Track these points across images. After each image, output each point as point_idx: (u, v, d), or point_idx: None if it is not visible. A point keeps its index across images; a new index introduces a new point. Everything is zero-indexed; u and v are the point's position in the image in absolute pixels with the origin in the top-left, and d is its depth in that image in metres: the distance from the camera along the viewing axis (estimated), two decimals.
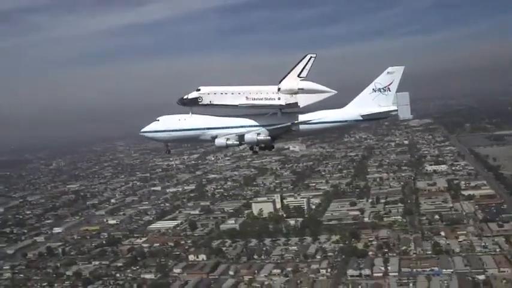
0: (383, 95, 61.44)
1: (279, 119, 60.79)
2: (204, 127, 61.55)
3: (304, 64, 59.66)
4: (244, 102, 59.77)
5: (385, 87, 61.47)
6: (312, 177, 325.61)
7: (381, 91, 61.48)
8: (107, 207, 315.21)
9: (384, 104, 61.49)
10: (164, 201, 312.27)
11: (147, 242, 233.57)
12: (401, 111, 61.27)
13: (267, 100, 59.85)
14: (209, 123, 61.54)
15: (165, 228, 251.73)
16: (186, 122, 61.68)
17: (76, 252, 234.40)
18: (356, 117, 62.24)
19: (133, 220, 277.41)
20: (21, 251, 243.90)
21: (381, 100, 61.56)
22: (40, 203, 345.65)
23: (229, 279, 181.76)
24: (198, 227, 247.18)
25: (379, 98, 61.57)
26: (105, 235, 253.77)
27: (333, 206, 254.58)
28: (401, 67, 61.97)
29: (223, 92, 60.02)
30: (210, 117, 61.86)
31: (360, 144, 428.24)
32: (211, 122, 61.53)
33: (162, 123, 62.23)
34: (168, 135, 62.28)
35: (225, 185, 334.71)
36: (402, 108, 61.11)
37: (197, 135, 62.41)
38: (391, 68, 61.61)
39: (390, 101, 61.29)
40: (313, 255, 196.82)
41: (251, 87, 60.74)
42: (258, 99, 59.75)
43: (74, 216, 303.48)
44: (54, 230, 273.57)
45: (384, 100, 61.43)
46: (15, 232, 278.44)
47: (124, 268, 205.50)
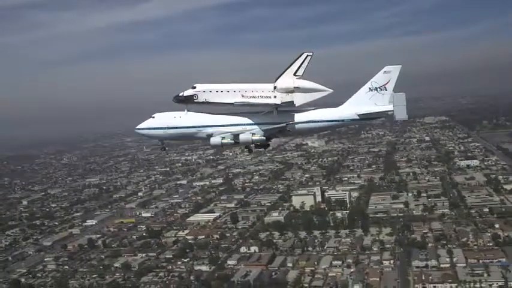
0: (379, 94, 60.59)
1: (274, 117, 59.92)
2: (199, 125, 60.63)
3: (300, 62, 58.70)
4: (240, 100, 58.83)
5: (381, 86, 60.62)
6: (342, 172, 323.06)
7: (378, 90, 60.64)
8: (135, 200, 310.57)
9: (381, 103, 60.61)
10: (194, 194, 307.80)
11: (191, 235, 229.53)
12: (397, 112, 59.81)
13: (263, 98, 59.05)
14: (204, 121, 60.67)
15: (205, 221, 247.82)
16: (181, 119, 60.76)
17: (117, 244, 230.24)
18: (352, 116, 61.39)
19: (168, 213, 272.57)
20: (59, 243, 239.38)
21: (378, 99, 60.69)
22: (63, 196, 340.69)
23: (292, 271, 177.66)
24: (240, 220, 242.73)
25: (376, 97, 60.72)
26: (143, 227, 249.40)
27: (374, 199, 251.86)
28: (398, 66, 60.90)
29: (219, 89, 59.26)
30: (206, 115, 61.01)
31: (380, 140, 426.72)
32: (206, 119, 60.70)
33: (157, 120, 61.15)
34: (163, 132, 61.15)
35: (252, 179, 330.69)
36: (398, 109, 59.77)
37: (192, 132, 61.35)
38: (388, 67, 60.66)
39: (387, 100, 60.38)
40: (370, 247, 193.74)
41: (247, 85, 59.94)
42: (253, 98, 58.96)
43: (103, 209, 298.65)
44: (87, 223, 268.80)
45: (381, 99, 60.57)
46: (47, 224, 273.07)
47: (174, 260, 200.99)
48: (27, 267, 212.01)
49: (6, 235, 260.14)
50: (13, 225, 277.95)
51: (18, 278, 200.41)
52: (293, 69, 58.71)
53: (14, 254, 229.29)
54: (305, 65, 58.74)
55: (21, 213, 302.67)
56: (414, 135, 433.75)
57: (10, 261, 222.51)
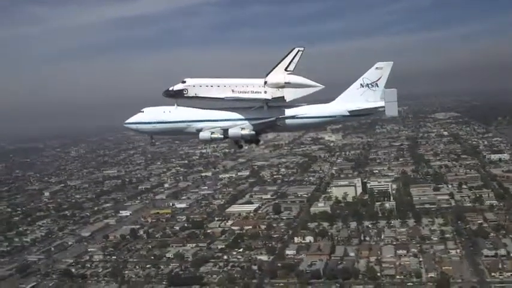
0: (371, 91, 60.04)
1: (265, 112, 59.27)
2: (189, 120, 59.90)
3: (291, 58, 57.89)
4: (230, 95, 58.14)
5: (373, 82, 60.02)
6: (371, 164, 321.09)
7: (369, 86, 60.10)
8: (163, 191, 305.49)
9: (372, 99, 60.01)
10: (223, 186, 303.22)
11: (236, 225, 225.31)
12: (388, 108, 58.76)
13: (253, 93, 58.45)
14: (194, 115, 59.96)
15: (245, 212, 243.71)
16: (171, 114, 59.93)
17: (161, 234, 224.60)
18: (343, 112, 60.65)
19: (203, 204, 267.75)
20: (98, 233, 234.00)
21: (369, 96, 60.10)
22: (84, 188, 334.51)
23: (361, 261, 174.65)
24: (282, 211, 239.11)
25: (367, 93, 60.15)
26: (182, 218, 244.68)
27: (415, 190, 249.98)
28: (389, 62, 60.42)
29: (209, 84, 58.57)
30: (196, 110, 60.30)
31: (397, 135, 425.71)
32: (196, 114, 59.99)
33: (146, 114, 60.11)
34: (153, 127, 60.18)
35: (279, 171, 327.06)
36: (389, 105, 58.65)
37: (182, 127, 60.60)
38: (380, 64, 60.13)
39: (378, 96, 59.79)
40: (429, 237, 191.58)
41: (237, 80, 59.22)
42: (244, 93, 58.36)
43: (132, 200, 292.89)
44: (121, 213, 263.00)
45: (372, 96, 59.98)
46: (78, 215, 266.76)
47: (228, 250, 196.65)
48: (73, 257, 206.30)
49: (39, 226, 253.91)
50: (42, 216, 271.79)
51: (67, 268, 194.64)
52: (284, 65, 57.95)
53: (55, 244, 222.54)
54: (296, 60, 57.87)
55: (47, 204, 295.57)
56: (431, 130, 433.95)
57: (53, 251, 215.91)
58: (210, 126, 58.94)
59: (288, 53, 58.26)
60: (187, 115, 60.05)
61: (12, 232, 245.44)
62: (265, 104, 59.66)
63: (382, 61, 60.74)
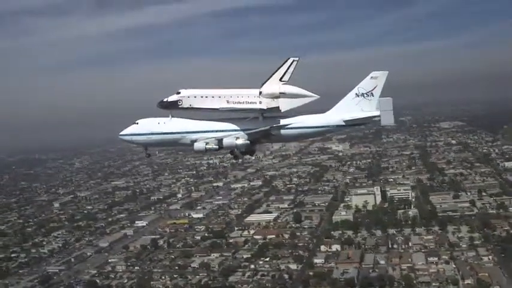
0: (366, 100, 60.22)
1: (260, 123, 59.09)
2: (183, 131, 59.85)
3: (286, 68, 58.12)
4: (225, 106, 58.32)
5: (368, 92, 60.25)
6: (384, 173, 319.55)
7: (364, 96, 60.28)
8: (176, 202, 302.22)
9: (367, 109, 60.20)
10: (237, 196, 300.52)
11: (258, 234, 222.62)
12: (384, 117, 59.46)
13: (248, 104, 58.51)
14: (189, 127, 59.99)
15: (265, 221, 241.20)
16: (166, 125, 59.96)
17: (182, 244, 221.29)
18: (338, 122, 60.98)
19: (220, 214, 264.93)
20: (116, 244, 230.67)
21: (364, 105, 60.31)
22: (95, 199, 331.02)
23: (390, 268, 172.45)
24: (303, 220, 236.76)
25: (363, 103, 60.33)
26: (201, 228, 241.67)
27: (435, 198, 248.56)
28: (385, 72, 60.56)
29: (204, 95, 58.62)
30: (190, 121, 60.33)
31: (405, 144, 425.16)
32: (191, 125, 59.98)
33: (141, 126, 60.28)
34: (147, 138, 60.31)
35: (292, 181, 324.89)
36: (385, 114, 59.32)
37: (177, 139, 60.53)
38: (375, 73, 60.37)
39: (373, 106, 60.08)
40: (458, 244, 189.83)
41: (232, 91, 59.25)
42: (239, 103, 58.43)
43: (146, 210, 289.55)
44: (137, 224, 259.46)
45: (367, 105, 60.21)
46: (93, 226, 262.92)
47: (254, 259, 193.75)
48: (94, 268, 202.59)
49: (54, 237, 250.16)
50: (56, 227, 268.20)
51: (90, 278, 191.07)
52: (279, 75, 58.02)
53: (74, 255, 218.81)
54: (291, 70, 57.97)
55: (59, 215, 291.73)
56: (438, 139, 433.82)
57: (73, 262, 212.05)
58: (204, 137, 58.49)
59: (283, 63, 58.16)
60: (181, 126, 59.73)
61: (27, 243, 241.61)
62: (260, 115, 59.28)
63: (377, 70, 60.63)
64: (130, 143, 62.32)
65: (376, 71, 60.57)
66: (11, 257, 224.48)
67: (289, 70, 58.25)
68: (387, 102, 59.48)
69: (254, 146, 62.13)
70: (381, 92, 60.68)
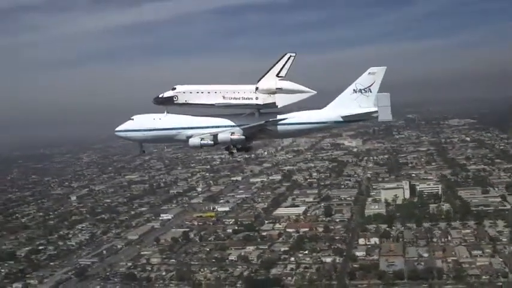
0: (364, 96, 59.57)
1: (256, 119, 58.47)
2: (179, 127, 59.27)
3: (283, 63, 57.63)
4: (221, 102, 57.58)
5: (366, 88, 59.54)
6: (404, 169, 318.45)
7: (362, 92, 59.60)
8: (197, 195, 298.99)
9: (365, 105, 59.56)
10: (258, 190, 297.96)
11: (290, 227, 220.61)
12: (381, 113, 58.76)
13: (244, 100, 57.96)
14: (184, 123, 59.37)
15: (294, 215, 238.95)
16: (161, 121, 59.30)
17: (214, 237, 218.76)
18: (336, 118, 60.31)
19: (246, 207, 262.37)
20: (145, 237, 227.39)
21: (362, 101, 59.65)
22: (111, 192, 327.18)
23: (438, 261, 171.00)
24: (333, 213, 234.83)
25: (360, 99, 59.69)
26: (229, 221, 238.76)
27: (463, 193, 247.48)
28: (383, 67, 59.83)
29: (199, 90, 58.03)
30: (186, 117, 59.74)
31: (419, 140, 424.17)
32: (186, 121, 59.40)
33: (136, 122, 59.48)
34: (142, 134, 59.48)
35: (312, 175, 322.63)
36: (382, 110, 58.66)
37: (172, 135, 59.95)
38: (373, 69, 59.68)
39: (371, 102, 59.40)
40: (498, 238, 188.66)
41: (228, 87, 58.82)
42: (235, 99, 57.82)
43: (168, 204, 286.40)
44: (162, 217, 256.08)
45: (365, 101, 59.53)
46: (117, 219, 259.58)
47: (293, 252, 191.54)
48: (128, 260, 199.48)
49: (79, 229, 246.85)
50: (78, 219, 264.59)
51: (127, 271, 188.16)
52: (276, 70, 57.47)
53: (104, 248, 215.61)
54: (288, 66, 57.44)
55: (78, 208, 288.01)
56: (451, 136, 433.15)
57: (105, 254, 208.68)
58: (200, 133, 57.77)
59: (280, 58, 57.51)
60: (177, 122, 59.08)
61: (52, 236, 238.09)
62: (256, 110, 58.74)
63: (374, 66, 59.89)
64: (126, 139, 61.36)
65: (374, 67, 59.69)
66: (39, 249, 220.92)
67: (286, 66, 57.50)
68: (385, 98, 58.72)
69: (250, 142, 61.52)
70: (379, 88, 59.85)
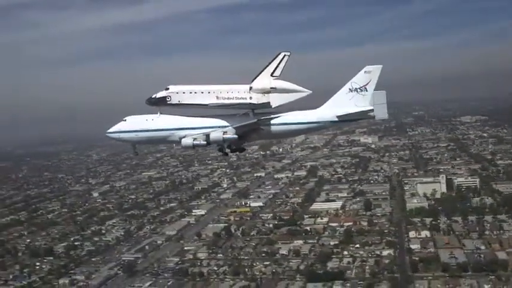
0: (360, 95, 58.70)
1: (250, 119, 57.24)
2: (172, 127, 58.08)
3: (277, 62, 56.67)
4: (215, 102, 56.80)
5: (361, 87, 58.71)
6: (431, 164, 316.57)
7: (358, 91, 58.77)
8: (224, 191, 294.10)
9: (361, 104, 58.66)
10: (286, 185, 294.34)
11: (333, 222, 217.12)
12: (377, 111, 58.00)
13: (238, 99, 57.16)
14: (178, 123, 58.16)
15: (332, 209, 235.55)
16: (154, 122, 58.19)
17: (256, 232, 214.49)
18: (331, 118, 59.44)
19: (279, 203, 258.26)
20: (184, 232, 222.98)
21: (358, 100, 58.77)
22: (133, 189, 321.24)
23: (498, 253, 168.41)
24: (372, 208, 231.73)
25: (356, 98, 58.83)
26: (267, 216, 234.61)
27: (501, 187, 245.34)
28: (379, 66, 59.05)
29: (193, 91, 57.10)
30: (179, 118, 58.44)
31: (435, 137, 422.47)
32: (180, 122, 58.23)
33: (129, 123, 58.29)
34: (135, 136, 58.27)
35: (336, 171, 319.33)
36: (378, 108, 57.94)
37: (165, 136, 58.70)
38: (368, 67, 58.84)
39: (367, 101, 58.48)
40: None
41: (221, 86, 57.90)
42: (228, 99, 57.07)
43: (196, 199, 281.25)
44: (195, 212, 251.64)
45: (361, 100, 58.65)
46: (149, 215, 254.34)
47: (343, 246, 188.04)
48: (173, 255, 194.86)
49: (110, 225, 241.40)
50: (107, 215, 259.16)
51: (176, 266, 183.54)
52: (270, 70, 56.56)
53: (146, 243, 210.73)
54: (282, 65, 56.54)
55: (105, 205, 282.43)
56: (467, 132, 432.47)
57: (147, 250, 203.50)
58: (193, 134, 56.48)
59: (274, 57, 56.54)
60: (170, 123, 57.86)
61: (85, 232, 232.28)
62: (250, 111, 57.71)
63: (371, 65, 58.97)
64: (118, 140, 59.83)
65: (370, 66, 58.59)
66: (75, 245, 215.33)
67: (280, 65, 56.38)
68: (381, 96, 57.70)
69: (243, 142, 60.39)
70: (375, 87, 58.67)
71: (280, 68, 56.54)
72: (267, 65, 56.87)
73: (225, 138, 55.98)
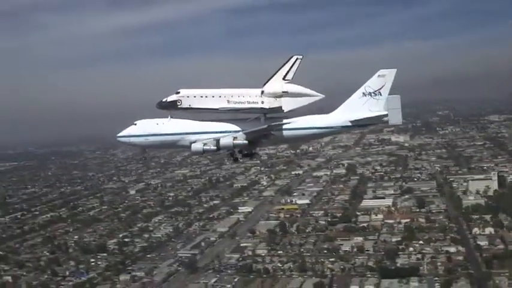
0: (374, 100, 57.64)
1: (262, 124, 56.49)
2: (182, 132, 57.46)
3: (289, 66, 55.92)
4: (226, 106, 56.04)
5: (375, 91, 57.62)
6: (473, 162, 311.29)
7: (372, 95, 57.76)
8: (264, 189, 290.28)
9: (375, 108, 57.60)
10: (328, 183, 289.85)
11: (389, 219, 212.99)
12: (391, 116, 56.82)
13: (250, 104, 56.31)
14: (188, 127, 57.71)
15: (384, 206, 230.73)
16: (164, 126, 57.67)
17: (311, 228, 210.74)
18: (344, 123, 58.59)
19: (325, 200, 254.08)
20: (236, 229, 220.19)
21: (372, 105, 57.69)
22: (169, 186, 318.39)
23: None
24: (425, 205, 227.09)
25: (370, 102, 57.76)
26: (319, 213, 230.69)
27: None
28: (393, 70, 57.88)
29: (204, 94, 56.45)
30: (190, 122, 58.08)
31: (469, 135, 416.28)
32: (190, 126, 57.77)
33: (139, 127, 57.77)
34: (145, 140, 57.65)
35: (375, 169, 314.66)
36: (392, 113, 56.71)
37: (175, 140, 58.10)
38: (383, 71, 57.78)
39: (381, 105, 57.42)
40: None
41: (233, 90, 57.03)
42: (240, 103, 56.28)
43: (239, 197, 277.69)
44: (242, 209, 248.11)
45: (375, 105, 57.60)
46: (195, 212, 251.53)
47: (407, 242, 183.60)
48: (232, 252, 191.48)
49: (157, 222, 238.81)
50: (151, 212, 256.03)
51: (237, 262, 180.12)
52: (282, 73, 55.84)
53: (199, 240, 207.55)
54: (295, 69, 55.83)
55: (145, 202, 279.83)
56: (499, 130, 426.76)
57: (203, 246, 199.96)
58: (204, 139, 55.92)
59: (286, 61, 55.88)
60: (180, 127, 57.45)
61: (132, 229, 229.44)
62: (262, 115, 56.81)
63: (385, 68, 57.78)
64: (129, 144, 59.72)
65: (384, 69, 57.49)
66: (125, 241, 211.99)
67: (292, 68, 55.62)
68: (395, 100, 56.44)
69: (254, 147, 59.60)
70: (390, 90, 57.35)
71: (293, 72, 55.63)
72: (279, 68, 55.79)
73: (235, 144, 55.07)
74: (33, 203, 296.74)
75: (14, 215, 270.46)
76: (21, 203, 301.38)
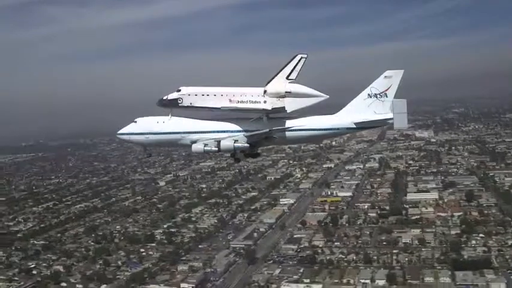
0: (379, 101, 55.70)
1: (264, 124, 54.68)
2: (183, 131, 55.78)
3: (293, 65, 53.68)
4: (227, 105, 54.35)
5: (381, 92, 55.68)
6: (507, 157, 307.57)
7: (377, 97, 55.77)
8: (299, 181, 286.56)
9: (380, 111, 55.70)
10: (364, 176, 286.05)
11: (439, 212, 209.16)
12: (397, 120, 54.87)
13: (252, 103, 54.55)
14: (189, 126, 55.96)
15: (431, 200, 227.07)
16: (165, 124, 55.90)
17: (362, 221, 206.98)
18: (348, 124, 56.62)
19: (367, 193, 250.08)
20: (284, 220, 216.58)
21: (377, 107, 55.79)
22: (199, 178, 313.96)
23: None
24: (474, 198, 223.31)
25: (375, 104, 55.84)
26: (364, 206, 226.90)
27: None
28: (400, 71, 55.83)
29: (205, 93, 54.77)
30: (190, 121, 56.17)
31: (494, 131, 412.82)
32: (191, 125, 56.03)
33: (139, 125, 56.24)
34: (145, 138, 56.14)
35: (409, 163, 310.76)
36: (398, 117, 54.78)
37: (176, 139, 56.41)
38: (389, 72, 55.68)
39: (387, 107, 55.47)
40: None
41: (235, 89, 55.38)
42: (242, 102, 54.60)
43: (276, 189, 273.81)
44: (284, 201, 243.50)
45: (380, 107, 55.70)
46: (235, 203, 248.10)
47: (467, 235, 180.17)
48: (287, 243, 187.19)
49: (200, 213, 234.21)
50: (189, 204, 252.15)
51: (297, 254, 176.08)
52: (286, 73, 53.65)
53: (250, 231, 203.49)
54: (299, 68, 53.60)
55: (178, 193, 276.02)
56: None
57: (255, 237, 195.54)
58: (205, 138, 54.49)
59: (290, 60, 53.63)
60: (181, 126, 55.71)
61: (174, 219, 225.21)
62: (264, 115, 54.85)
63: (392, 69, 55.74)
64: (129, 142, 58.34)
65: (390, 70, 55.38)
66: (172, 232, 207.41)
67: (296, 68, 53.31)
68: (401, 104, 54.41)
69: (256, 149, 57.55)
70: (396, 91, 55.34)
71: (297, 71, 53.40)
72: (282, 67, 53.62)
73: (236, 147, 53.49)
74: (62, 193, 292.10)
75: (46, 205, 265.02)
76: (50, 193, 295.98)
